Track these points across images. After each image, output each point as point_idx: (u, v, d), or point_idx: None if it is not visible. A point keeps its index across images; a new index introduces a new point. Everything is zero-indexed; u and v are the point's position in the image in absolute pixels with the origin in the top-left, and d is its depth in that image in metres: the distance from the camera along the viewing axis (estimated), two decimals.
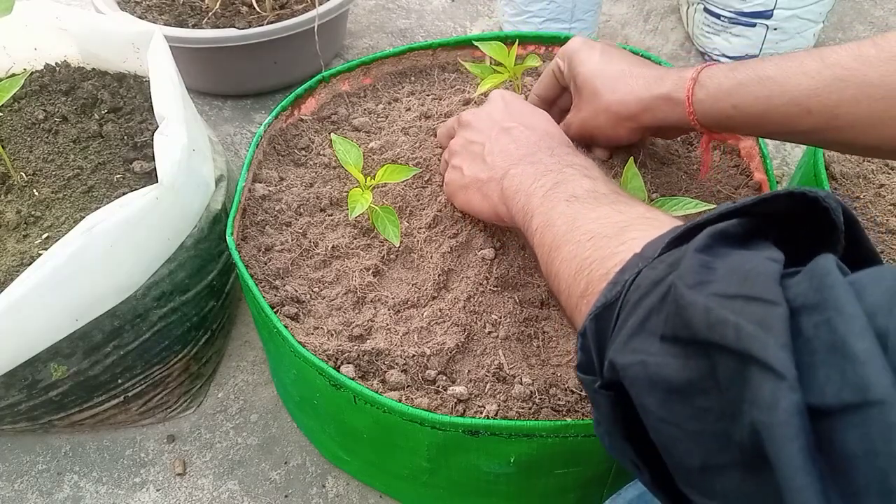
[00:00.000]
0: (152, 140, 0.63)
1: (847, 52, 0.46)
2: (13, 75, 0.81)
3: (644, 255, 0.32)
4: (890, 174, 0.71)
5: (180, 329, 0.66)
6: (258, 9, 0.98)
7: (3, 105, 0.67)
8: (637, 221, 0.38)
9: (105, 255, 0.56)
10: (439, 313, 0.57)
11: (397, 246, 0.61)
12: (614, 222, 0.39)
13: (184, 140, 0.62)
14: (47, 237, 0.64)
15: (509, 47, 0.69)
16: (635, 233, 0.36)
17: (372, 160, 0.69)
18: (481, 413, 0.51)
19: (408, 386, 0.53)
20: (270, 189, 0.68)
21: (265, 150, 0.71)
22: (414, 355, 0.54)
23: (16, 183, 0.68)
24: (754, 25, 1.03)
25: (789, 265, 0.27)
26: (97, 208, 0.56)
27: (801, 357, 0.22)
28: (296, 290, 0.59)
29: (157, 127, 0.63)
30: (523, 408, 0.52)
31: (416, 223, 0.63)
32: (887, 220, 0.65)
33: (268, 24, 0.94)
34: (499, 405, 0.52)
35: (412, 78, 0.81)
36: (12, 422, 0.64)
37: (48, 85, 0.78)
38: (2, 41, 0.79)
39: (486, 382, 0.54)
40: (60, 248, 0.53)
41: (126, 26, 0.75)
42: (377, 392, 0.51)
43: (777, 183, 0.65)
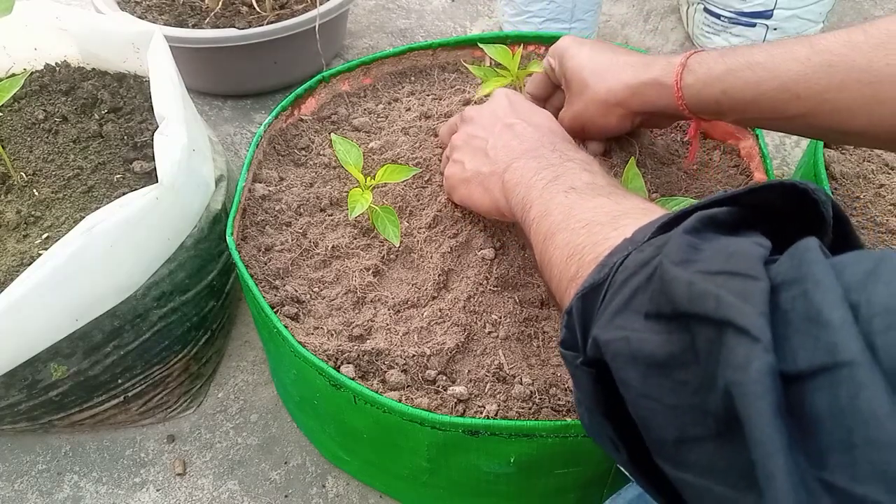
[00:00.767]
0: (152, 140, 0.63)
1: (836, 39, 0.46)
2: (13, 75, 0.81)
3: (634, 240, 0.32)
4: (890, 174, 0.71)
5: (180, 329, 0.66)
6: (258, 9, 0.98)
7: (3, 105, 0.67)
8: (632, 211, 0.39)
9: (105, 255, 0.56)
10: (439, 313, 0.57)
11: (397, 246, 0.61)
12: (608, 211, 0.39)
13: (184, 140, 0.62)
14: (47, 237, 0.64)
15: (511, 47, 0.69)
16: (628, 220, 0.37)
17: (372, 160, 0.69)
18: (481, 413, 0.51)
19: (408, 386, 0.53)
20: (270, 189, 0.68)
21: (265, 150, 0.71)
22: (414, 355, 0.54)
23: (16, 183, 0.68)
24: (754, 25, 1.03)
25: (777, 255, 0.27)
26: (97, 208, 0.56)
27: (777, 329, 0.23)
28: (296, 290, 0.59)
29: (157, 127, 0.63)
30: (523, 408, 0.52)
31: (416, 223, 0.63)
32: (887, 220, 0.65)
33: (268, 24, 0.94)
34: (499, 405, 0.52)
35: (412, 78, 0.81)
36: (12, 422, 0.64)
37: (48, 85, 0.78)
38: (2, 41, 0.79)
39: (486, 382, 0.54)
40: (60, 248, 0.53)
41: (126, 26, 0.75)
42: (377, 392, 0.51)
43: None
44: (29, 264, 0.55)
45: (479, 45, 0.77)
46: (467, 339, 0.56)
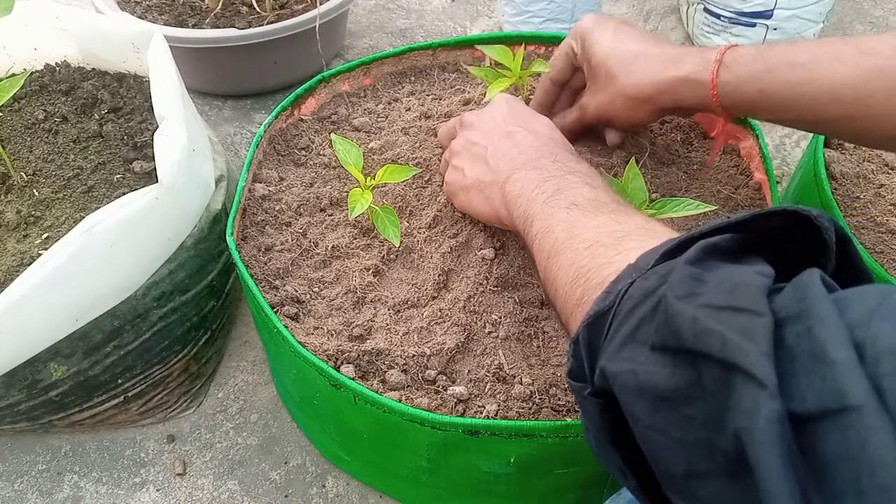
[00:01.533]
0: (152, 140, 0.63)
1: (886, 43, 0.44)
2: (13, 75, 0.81)
3: (638, 266, 0.32)
4: (890, 174, 0.71)
5: (180, 329, 0.66)
6: (258, 9, 0.98)
7: (3, 105, 0.67)
8: (635, 232, 0.38)
9: (105, 255, 0.56)
10: (439, 313, 0.57)
11: (397, 246, 0.61)
12: (612, 231, 0.39)
13: (184, 140, 0.62)
14: (47, 237, 0.64)
15: (511, 48, 0.69)
16: (632, 243, 0.36)
17: (372, 160, 0.69)
18: (481, 413, 0.51)
19: (408, 386, 0.53)
20: (270, 189, 0.68)
21: (265, 150, 0.71)
22: (414, 355, 0.54)
23: (16, 183, 0.68)
24: (754, 25, 1.03)
25: (780, 282, 0.27)
26: (97, 208, 0.56)
27: (783, 365, 0.23)
28: (296, 290, 0.59)
29: (157, 127, 0.63)
30: (523, 408, 0.52)
31: (416, 223, 0.63)
32: (887, 220, 0.65)
33: (268, 24, 0.94)
34: (499, 405, 0.52)
35: (412, 78, 0.81)
36: (12, 422, 0.64)
37: (48, 85, 0.78)
38: (2, 41, 0.79)
39: (486, 382, 0.54)
40: (60, 248, 0.53)
41: (126, 26, 0.75)
42: (377, 392, 0.51)
43: (777, 183, 0.65)
44: (29, 264, 0.55)
45: (476, 46, 0.76)
46: (467, 339, 0.56)
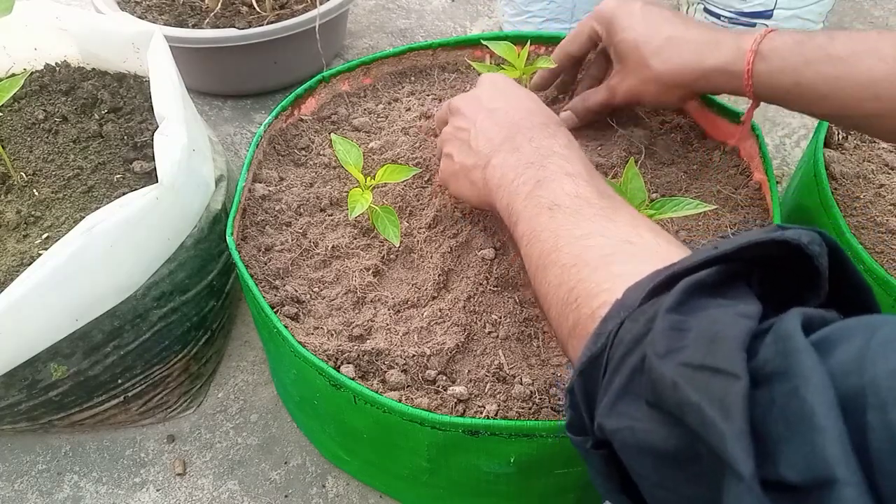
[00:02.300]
0: (152, 140, 0.63)
1: None
2: (13, 75, 0.81)
3: (626, 304, 0.32)
4: (890, 174, 0.71)
5: (180, 329, 0.66)
6: (258, 9, 0.98)
7: (3, 105, 0.67)
8: (620, 251, 0.38)
9: (105, 255, 0.56)
10: (439, 313, 0.57)
11: (397, 246, 0.61)
12: (598, 246, 0.39)
13: (184, 140, 0.62)
14: (47, 237, 0.64)
15: (517, 47, 0.69)
16: (619, 267, 0.36)
17: (372, 160, 0.69)
18: (481, 413, 0.51)
19: (408, 386, 0.53)
20: (270, 189, 0.68)
21: (265, 150, 0.71)
22: (414, 355, 0.54)
23: (16, 183, 0.68)
24: (754, 25, 1.03)
25: (776, 304, 0.27)
26: (97, 208, 0.56)
27: (770, 427, 0.23)
28: (296, 290, 0.59)
29: (157, 127, 0.63)
30: (523, 408, 0.52)
31: (416, 223, 0.63)
32: (887, 220, 0.65)
33: (268, 24, 0.94)
34: (499, 405, 0.52)
35: (412, 78, 0.81)
36: (12, 422, 0.64)
37: (48, 85, 0.78)
38: (2, 41, 0.79)
39: (486, 382, 0.54)
40: (60, 248, 0.53)
41: (126, 26, 0.75)
42: (377, 392, 0.51)
43: (777, 183, 0.65)
44: (29, 264, 0.55)
45: (483, 43, 0.76)
46: (467, 339, 0.56)
